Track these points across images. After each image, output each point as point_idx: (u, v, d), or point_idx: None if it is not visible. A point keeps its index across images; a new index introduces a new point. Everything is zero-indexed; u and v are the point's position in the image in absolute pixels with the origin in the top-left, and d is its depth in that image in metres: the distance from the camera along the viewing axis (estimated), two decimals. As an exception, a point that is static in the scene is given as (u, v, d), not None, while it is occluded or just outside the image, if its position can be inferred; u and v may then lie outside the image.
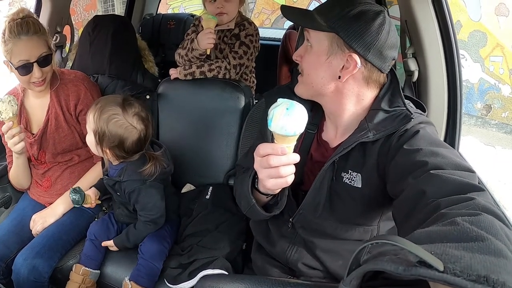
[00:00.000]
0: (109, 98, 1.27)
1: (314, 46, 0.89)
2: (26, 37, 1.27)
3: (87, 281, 1.28)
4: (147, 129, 1.26)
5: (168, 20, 2.76)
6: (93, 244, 1.33)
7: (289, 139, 0.74)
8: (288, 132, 0.72)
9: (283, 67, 2.43)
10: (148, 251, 1.27)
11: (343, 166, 0.91)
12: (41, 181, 1.51)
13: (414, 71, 1.39)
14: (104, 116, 1.20)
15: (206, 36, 1.47)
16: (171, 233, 1.38)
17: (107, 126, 1.19)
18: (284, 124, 0.72)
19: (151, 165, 1.25)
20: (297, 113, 0.73)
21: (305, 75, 0.93)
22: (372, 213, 0.93)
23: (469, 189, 0.61)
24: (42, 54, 1.31)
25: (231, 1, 1.53)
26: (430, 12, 1.29)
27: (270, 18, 6.64)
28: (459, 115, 1.35)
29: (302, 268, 1.01)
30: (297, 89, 0.97)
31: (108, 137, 1.20)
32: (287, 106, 0.72)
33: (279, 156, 0.75)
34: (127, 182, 1.26)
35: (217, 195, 1.48)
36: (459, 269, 0.38)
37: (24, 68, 1.29)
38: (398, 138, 0.84)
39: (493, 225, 0.49)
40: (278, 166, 0.75)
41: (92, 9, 5.99)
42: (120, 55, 1.76)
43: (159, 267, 1.26)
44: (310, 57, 0.90)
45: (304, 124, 0.74)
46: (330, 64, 0.87)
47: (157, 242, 1.30)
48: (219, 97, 1.57)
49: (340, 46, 0.85)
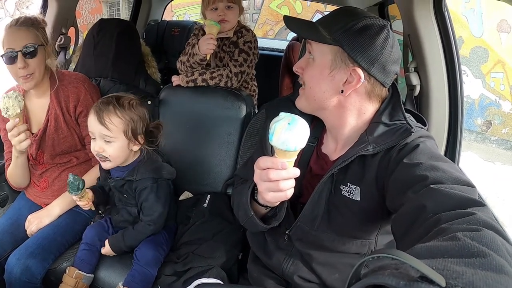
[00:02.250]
0: (102, 100, 1.26)
1: (317, 59, 0.89)
2: (15, 27, 1.31)
3: (80, 284, 1.26)
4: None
5: (172, 27, 2.78)
6: (88, 247, 1.32)
7: (290, 154, 0.74)
8: (289, 148, 0.72)
9: (285, 78, 2.44)
10: (143, 257, 1.26)
11: (342, 179, 0.91)
12: (39, 182, 1.51)
13: (416, 85, 1.39)
14: (125, 107, 1.23)
15: (206, 42, 1.48)
16: (168, 240, 1.37)
17: (134, 111, 1.24)
18: (285, 139, 0.71)
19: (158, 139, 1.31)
20: (299, 129, 0.72)
21: (307, 88, 0.92)
22: (370, 226, 0.92)
23: (469, 204, 0.61)
24: (27, 45, 1.30)
25: (232, 10, 1.54)
26: (433, 27, 1.30)
27: (273, 29, 6.70)
28: (460, 130, 1.35)
29: (298, 281, 0.99)
30: (298, 102, 0.97)
31: (141, 119, 1.25)
32: (289, 121, 0.72)
33: (279, 170, 0.74)
34: (141, 181, 1.27)
35: (214, 203, 1.47)
36: (461, 285, 0.38)
37: (9, 56, 1.30)
38: (398, 152, 0.84)
39: (494, 241, 0.48)
40: (278, 180, 0.75)
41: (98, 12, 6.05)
42: (124, 59, 1.77)
43: (153, 274, 1.25)
44: (313, 70, 0.90)
45: (306, 140, 0.74)
46: (333, 78, 0.87)
47: (153, 249, 1.29)
48: (221, 105, 1.57)
49: (344, 60, 0.85)
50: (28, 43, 1.30)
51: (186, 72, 1.61)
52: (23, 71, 1.30)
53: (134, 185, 1.28)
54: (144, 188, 1.28)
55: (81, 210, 1.46)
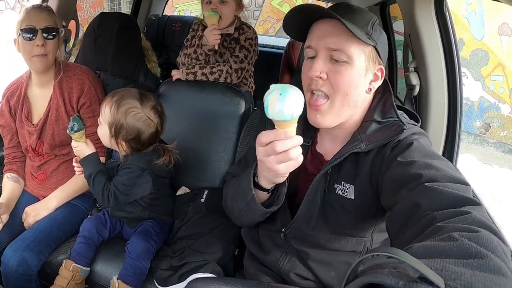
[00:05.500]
0: (125, 91, 1.29)
1: (356, 61, 0.83)
2: (38, 9, 1.37)
3: (77, 277, 1.26)
4: (163, 122, 1.30)
5: (173, 22, 2.77)
6: (84, 241, 1.32)
7: (288, 123, 0.75)
8: (286, 117, 0.73)
9: (285, 76, 2.44)
10: (134, 250, 1.26)
11: (336, 178, 0.91)
12: (37, 174, 1.51)
13: (415, 85, 1.39)
14: (122, 109, 1.22)
15: (211, 33, 1.49)
16: (160, 232, 1.37)
17: (125, 119, 1.22)
18: (280, 109, 0.72)
19: (165, 157, 1.29)
20: (291, 96, 0.72)
21: (341, 96, 0.85)
22: (365, 224, 0.93)
23: (464, 202, 0.61)
24: (48, 26, 1.35)
25: (226, 5, 1.54)
26: (434, 27, 1.30)
27: (274, 26, 6.69)
28: (458, 132, 1.36)
29: (294, 278, 1.00)
30: (323, 120, 0.88)
31: (126, 130, 1.23)
32: (280, 91, 0.72)
33: (284, 140, 0.74)
34: (128, 164, 1.28)
35: (212, 199, 1.47)
36: (460, 287, 0.38)
37: (29, 31, 1.33)
38: (391, 150, 0.84)
39: (491, 242, 0.48)
40: (286, 150, 0.75)
41: (99, 6, 6.03)
42: (124, 53, 1.76)
43: (146, 266, 1.25)
44: (350, 75, 0.84)
45: (301, 106, 0.74)
46: (366, 79, 0.87)
47: (143, 240, 1.28)
48: (220, 101, 1.57)
49: (374, 59, 0.86)
50: (49, 25, 1.35)
51: (189, 65, 1.61)
52: (40, 49, 1.33)
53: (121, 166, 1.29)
54: (127, 168, 1.28)
55: (78, 203, 1.47)
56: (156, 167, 1.30)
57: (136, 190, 1.30)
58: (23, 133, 1.48)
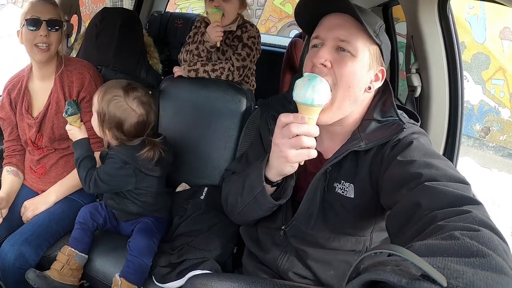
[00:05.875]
0: (115, 82, 1.34)
1: (360, 54, 0.84)
2: (43, 1, 1.39)
3: (72, 262, 1.26)
4: (148, 114, 1.30)
5: (176, 19, 2.77)
6: (80, 226, 1.33)
7: (310, 108, 0.79)
8: (306, 100, 0.78)
9: (287, 75, 2.44)
10: (136, 248, 1.26)
11: (335, 177, 0.91)
12: (36, 168, 1.50)
13: (417, 86, 1.40)
14: (106, 97, 1.26)
15: (214, 30, 1.50)
16: (160, 228, 1.37)
17: (108, 107, 1.26)
18: (303, 92, 0.78)
19: (148, 150, 1.30)
20: (317, 83, 0.79)
21: (343, 87, 0.84)
22: (364, 223, 0.93)
23: (464, 201, 0.61)
24: (52, 18, 1.37)
25: (229, 2, 1.54)
26: (437, 29, 1.30)
27: (276, 25, 6.68)
28: (459, 134, 1.36)
29: (293, 277, 1.00)
30: (323, 116, 0.85)
31: (108, 118, 1.26)
32: (309, 78, 0.80)
33: (300, 124, 0.77)
34: (112, 154, 1.30)
35: (212, 196, 1.47)
36: (462, 285, 0.38)
37: (33, 22, 1.34)
38: (391, 149, 0.84)
39: (492, 240, 0.48)
40: (300, 134, 0.77)
41: (101, 2, 6.01)
42: (126, 49, 1.76)
43: (148, 264, 1.25)
44: (353, 67, 0.84)
45: (324, 95, 0.79)
46: (368, 76, 0.87)
47: (146, 237, 1.29)
48: (221, 98, 1.57)
49: (377, 59, 0.87)
50: (53, 17, 1.37)
51: (191, 61, 1.60)
52: (43, 39, 1.35)
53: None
54: (111, 157, 1.29)
55: (77, 197, 1.46)
56: (140, 162, 1.30)
57: (117, 182, 1.31)
58: (23, 126, 1.48)
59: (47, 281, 1.22)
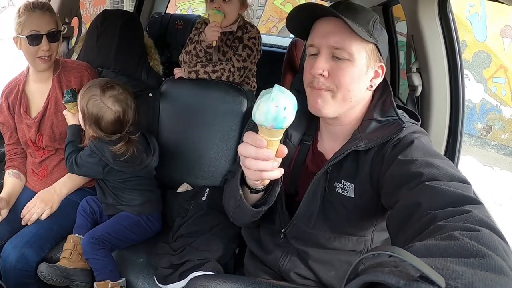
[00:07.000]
0: (94, 81, 1.39)
1: (357, 59, 0.84)
2: (40, 11, 1.36)
3: (78, 247, 1.31)
4: (125, 111, 1.36)
5: (176, 20, 2.77)
6: (82, 215, 1.41)
7: (261, 129, 0.70)
8: (255, 119, 0.69)
9: (287, 75, 2.44)
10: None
11: (336, 176, 0.91)
12: (38, 170, 1.51)
13: (418, 86, 1.39)
14: (85, 96, 1.34)
15: (211, 29, 1.50)
16: (140, 225, 1.41)
17: (87, 105, 1.33)
18: (253, 111, 0.69)
19: (122, 145, 1.35)
20: (265, 104, 0.67)
21: (343, 91, 0.85)
22: (365, 223, 0.93)
23: (465, 201, 0.61)
24: (52, 29, 1.37)
25: (230, 3, 1.54)
26: (437, 28, 1.30)
27: (277, 26, 6.69)
28: (460, 133, 1.36)
29: (294, 277, 1.00)
30: (324, 108, 0.87)
31: (87, 115, 1.34)
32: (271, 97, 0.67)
33: (246, 144, 0.71)
34: (89, 142, 1.38)
35: (213, 197, 1.47)
36: (461, 286, 0.37)
37: (34, 38, 1.34)
38: (392, 148, 0.84)
39: (492, 240, 0.48)
40: (247, 157, 0.72)
41: (101, 4, 6.03)
42: (127, 51, 1.76)
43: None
44: (352, 72, 0.84)
45: (268, 117, 0.67)
46: (367, 76, 0.88)
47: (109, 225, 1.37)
48: (222, 99, 1.57)
49: (375, 57, 0.87)
50: (53, 28, 1.38)
51: (190, 62, 1.61)
52: (45, 52, 1.37)
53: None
54: (89, 145, 1.39)
55: (79, 199, 1.47)
56: (106, 154, 1.35)
57: (87, 169, 1.40)
58: (21, 127, 1.48)
59: (60, 270, 1.25)
